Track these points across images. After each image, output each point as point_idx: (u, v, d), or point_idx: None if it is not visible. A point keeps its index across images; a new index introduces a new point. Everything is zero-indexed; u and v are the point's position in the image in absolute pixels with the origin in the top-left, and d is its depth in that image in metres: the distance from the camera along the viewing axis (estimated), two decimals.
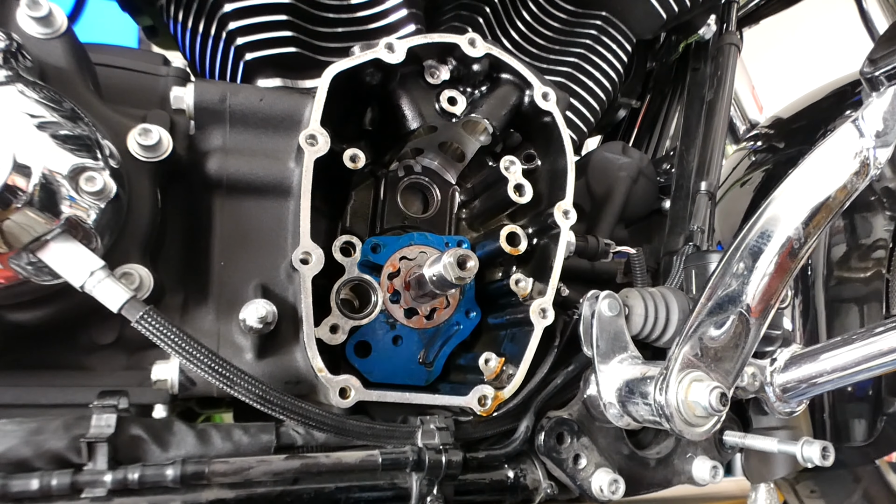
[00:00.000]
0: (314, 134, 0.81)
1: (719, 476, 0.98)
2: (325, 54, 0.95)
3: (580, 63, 1.16)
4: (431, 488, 0.80)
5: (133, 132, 0.77)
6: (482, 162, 0.99)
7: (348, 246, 0.87)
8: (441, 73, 0.92)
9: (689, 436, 0.75)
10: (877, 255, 1.28)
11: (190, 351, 0.66)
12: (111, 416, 0.69)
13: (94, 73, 0.82)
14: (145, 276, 0.76)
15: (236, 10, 0.91)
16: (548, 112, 0.92)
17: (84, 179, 0.67)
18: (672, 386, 0.75)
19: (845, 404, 1.30)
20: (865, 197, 1.30)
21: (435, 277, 0.82)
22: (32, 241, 0.63)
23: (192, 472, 0.69)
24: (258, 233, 0.85)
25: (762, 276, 0.76)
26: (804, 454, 0.96)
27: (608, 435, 0.93)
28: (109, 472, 0.67)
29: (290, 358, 0.82)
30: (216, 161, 0.84)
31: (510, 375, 0.88)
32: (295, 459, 0.74)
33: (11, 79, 0.66)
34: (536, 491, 0.88)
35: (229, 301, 0.83)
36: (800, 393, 0.93)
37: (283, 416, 0.71)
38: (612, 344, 0.85)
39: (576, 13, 1.16)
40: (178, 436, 0.73)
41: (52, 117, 0.66)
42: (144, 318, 0.65)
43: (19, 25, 0.75)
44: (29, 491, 0.64)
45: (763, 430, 1.08)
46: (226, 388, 0.68)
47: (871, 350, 0.83)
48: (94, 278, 0.65)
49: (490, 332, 0.97)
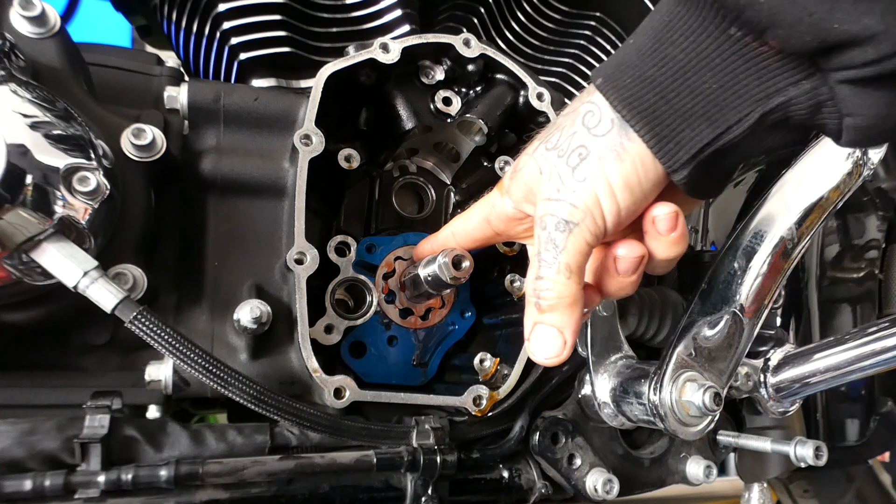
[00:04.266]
0: (309, 134, 0.81)
1: (713, 476, 0.98)
2: (320, 54, 0.95)
3: (575, 63, 1.16)
4: (426, 488, 0.80)
5: (127, 132, 0.76)
6: (477, 162, 0.99)
7: (343, 246, 0.87)
8: (436, 73, 0.92)
9: (682, 435, 0.75)
10: (869, 256, 1.29)
11: (184, 351, 0.66)
12: (105, 417, 0.69)
13: (87, 73, 0.82)
14: (139, 277, 0.76)
15: (230, 10, 0.91)
16: (542, 112, 0.92)
17: (77, 179, 0.66)
18: (666, 386, 0.75)
19: (838, 404, 1.30)
20: (858, 197, 1.30)
21: (430, 278, 0.82)
22: (25, 241, 0.63)
23: (186, 472, 0.69)
24: (253, 233, 0.85)
25: (756, 276, 0.77)
26: (797, 454, 0.96)
27: (602, 435, 0.93)
28: (103, 472, 0.67)
29: (285, 358, 0.82)
30: (210, 161, 0.83)
31: (505, 375, 0.88)
32: (289, 460, 0.74)
33: (4, 78, 0.66)
34: (531, 491, 0.89)
35: (224, 301, 0.83)
36: (793, 393, 0.94)
37: (278, 416, 0.70)
38: (607, 344, 0.85)
39: (570, 14, 1.16)
40: (172, 436, 0.73)
41: (46, 117, 0.66)
42: (138, 318, 0.65)
43: (12, 25, 0.74)
44: (22, 492, 0.64)
45: (757, 429, 1.09)
46: (220, 389, 0.68)
47: (863, 350, 0.83)
48: (87, 278, 0.65)
49: (485, 332, 0.97)
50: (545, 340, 0.61)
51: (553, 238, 0.59)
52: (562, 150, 0.60)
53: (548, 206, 0.60)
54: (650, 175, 0.57)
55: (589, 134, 0.58)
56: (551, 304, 0.60)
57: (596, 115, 0.58)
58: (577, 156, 0.58)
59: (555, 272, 0.59)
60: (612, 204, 0.58)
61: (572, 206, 0.58)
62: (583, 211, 0.58)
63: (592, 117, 0.58)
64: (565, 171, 0.59)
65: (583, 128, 0.59)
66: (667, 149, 0.55)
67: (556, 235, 0.59)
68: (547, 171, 0.61)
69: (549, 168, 0.60)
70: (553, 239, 0.59)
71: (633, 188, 0.57)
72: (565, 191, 0.59)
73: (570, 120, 0.61)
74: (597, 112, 0.58)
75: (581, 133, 0.59)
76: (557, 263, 0.59)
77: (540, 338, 0.61)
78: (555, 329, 0.60)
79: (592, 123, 0.58)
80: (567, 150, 0.59)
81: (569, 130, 0.60)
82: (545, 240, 0.59)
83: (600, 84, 0.57)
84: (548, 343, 0.61)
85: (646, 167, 0.57)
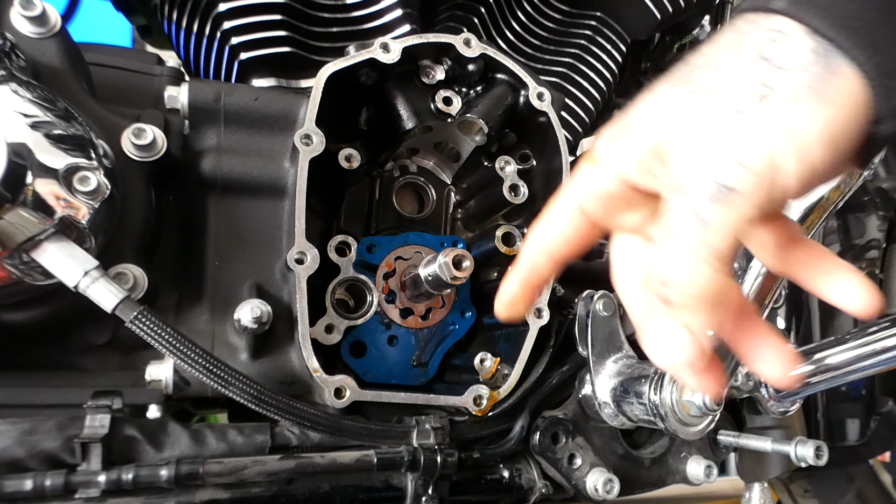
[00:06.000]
0: (309, 134, 0.81)
1: (713, 475, 0.98)
2: (320, 54, 0.95)
3: (575, 63, 1.16)
4: (427, 488, 0.80)
5: (127, 132, 0.76)
6: (477, 162, 0.99)
7: (343, 246, 0.87)
8: (436, 73, 0.92)
9: (683, 435, 0.75)
10: (870, 256, 1.29)
11: (184, 351, 0.66)
12: (105, 417, 0.69)
13: (87, 73, 0.82)
14: (139, 276, 0.76)
15: (231, 10, 0.91)
16: (543, 112, 0.92)
17: (78, 179, 0.66)
18: (666, 386, 0.75)
19: (839, 404, 1.30)
20: (859, 197, 1.30)
21: (430, 277, 0.82)
22: (26, 241, 0.63)
23: (187, 472, 0.69)
24: (253, 233, 0.85)
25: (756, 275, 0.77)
26: (798, 454, 0.96)
27: (603, 434, 0.93)
28: (103, 472, 0.67)
29: (285, 358, 0.82)
30: (211, 161, 0.84)
31: (505, 375, 0.88)
32: (290, 460, 0.74)
33: (5, 78, 0.66)
34: (531, 490, 0.89)
35: (224, 301, 0.83)
36: (793, 392, 0.94)
37: (278, 416, 0.70)
38: (607, 344, 0.85)
39: (570, 13, 1.16)
40: (173, 436, 0.73)
41: (46, 117, 0.66)
42: (138, 318, 0.65)
43: (13, 25, 0.74)
44: (22, 491, 0.64)
45: (757, 429, 1.09)
46: (220, 389, 0.68)
47: (864, 350, 0.83)
48: (87, 278, 0.65)
49: (485, 332, 0.97)
50: (670, 339, 0.42)
51: (700, 211, 0.41)
52: (720, 90, 0.42)
53: (697, 166, 0.42)
54: (861, 125, 0.41)
55: (772, 67, 0.41)
56: (684, 302, 0.41)
57: (782, 46, 0.41)
58: (754, 95, 0.41)
59: (699, 260, 0.41)
60: (806, 165, 0.40)
61: (742, 167, 0.40)
62: (757, 174, 0.40)
63: (776, 48, 0.41)
64: (730, 115, 0.41)
65: (761, 61, 0.42)
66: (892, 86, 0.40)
67: (706, 208, 0.40)
68: (693, 117, 0.43)
69: (699, 113, 0.42)
70: (700, 212, 0.41)
71: (837, 142, 0.41)
72: (731, 143, 0.41)
73: (729, 56, 0.43)
74: (783, 41, 0.41)
75: (758, 67, 0.42)
76: (705, 246, 0.40)
77: (663, 334, 0.43)
78: (685, 330, 0.42)
79: (778, 56, 0.41)
80: (733, 89, 0.42)
81: (730, 65, 0.43)
82: (685, 214, 0.41)
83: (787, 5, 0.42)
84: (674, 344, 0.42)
85: (859, 113, 0.41)
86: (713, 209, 0.40)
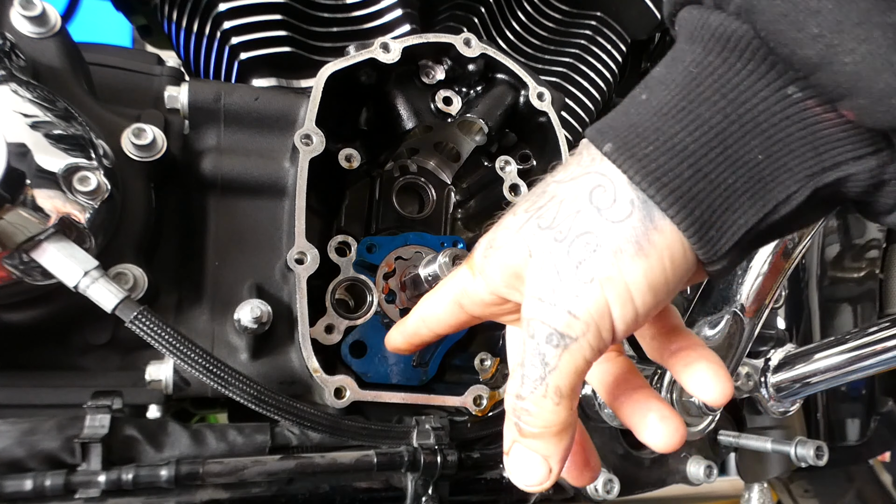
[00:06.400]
0: (309, 133, 0.81)
1: (713, 475, 0.98)
2: (320, 54, 0.95)
3: (575, 63, 1.16)
4: (427, 488, 0.80)
5: (127, 132, 0.76)
6: (478, 162, 0.99)
7: (343, 246, 0.87)
8: (436, 73, 0.92)
9: None
10: (870, 255, 1.29)
11: (184, 351, 0.66)
12: (105, 417, 0.69)
13: (87, 73, 0.82)
14: (139, 277, 0.76)
15: (231, 10, 0.91)
16: (543, 112, 0.92)
17: (78, 179, 0.66)
18: (666, 386, 0.75)
19: (839, 404, 1.30)
20: None
21: (430, 277, 0.82)
22: (26, 241, 0.63)
23: (187, 472, 0.69)
24: (253, 233, 0.85)
25: (756, 275, 0.77)
26: (798, 454, 0.97)
27: (603, 435, 0.93)
28: (103, 472, 0.66)
29: (285, 358, 0.82)
30: (211, 161, 0.84)
31: (505, 375, 0.88)
32: (290, 460, 0.74)
33: (5, 78, 0.66)
34: None
35: (224, 301, 0.83)
36: (794, 393, 0.94)
37: (278, 416, 0.70)
38: None
39: (571, 13, 1.17)
40: (173, 436, 0.73)
41: (46, 117, 0.66)
42: (138, 318, 0.65)
43: (13, 24, 0.74)
44: (22, 492, 0.64)
45: (757, 429, 1.09)
46: (220, 389, 0.68)
47: (864, 350, 0.83)
48: (87, 278, 0.65)
49: (485, 332, 0.97)
50: (526, 465, 0.49)
51: (542, 352, 0.46)
52: (560, 233, 0.46)
53: (538, 310, 0.46)
54: (680, 270, 0.45)
55: (599, 217, 0.44)
56: (534, 432, 0.48)
57: (608, 193, 0.45)
58: (584, 245, 0.45)
59: (540, 396, 0.46)
60: (629, 311, 0.45)
61: (571, 316, 0.45)
62: (585, 323, 0.45)
63: (604, 194, 0.45)
64: (566, 264, 0.45)
65: (590, 207, 0.45)
66: (707, 237, 0.43)
67: (547, 350, 0.46)
68: (540, 257, 0.47)
69: (544, 254, 0.47)
70: (542, 353, 0.46)
71: (657, 290, 0.45)
72: (563, 293, 0.45)
73: (570, 191, 0.46)
74: (609, 188, 0.45)
75: (588, 214, 0.45)
76: (545, 386, 0.46)
77: (520, 461, 0.49)
78: (539, 456, 0.49)
79: (604, 203, 0.44)
80: (568, 234, 0.46)
81: (570, 206, 0.46)
82: (531, 352, 0.46)
83: (612, 151, 0.44)
84: (529, 469, 0.49)
85: (676, 262, 0.44)
86: (552, 352, 0.46)
